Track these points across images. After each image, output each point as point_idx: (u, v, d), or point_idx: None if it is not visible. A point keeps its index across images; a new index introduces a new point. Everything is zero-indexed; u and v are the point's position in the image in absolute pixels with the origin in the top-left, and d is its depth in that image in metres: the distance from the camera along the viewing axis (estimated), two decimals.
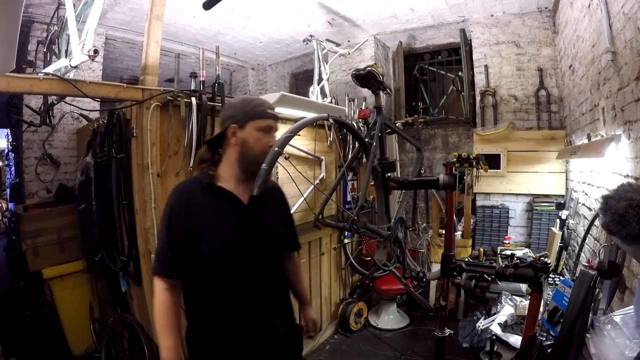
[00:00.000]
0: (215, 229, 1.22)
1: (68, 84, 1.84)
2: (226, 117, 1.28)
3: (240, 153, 1.25)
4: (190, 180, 1.34)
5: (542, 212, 3.43)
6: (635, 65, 1.59)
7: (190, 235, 1.20)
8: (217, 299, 1.23)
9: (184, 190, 1.27)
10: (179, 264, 1.22)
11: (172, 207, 1.24)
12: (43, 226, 2.84)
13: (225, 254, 1.22)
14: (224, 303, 1.23)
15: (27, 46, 3.21)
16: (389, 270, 2.45)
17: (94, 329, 2.79)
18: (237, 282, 1.24)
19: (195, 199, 1.23)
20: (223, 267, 1.22)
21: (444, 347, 1.99)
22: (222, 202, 1.25)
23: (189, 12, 3.55)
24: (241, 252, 1.24)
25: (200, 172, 1.30)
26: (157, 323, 1.23)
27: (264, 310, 1.28)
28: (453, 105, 4.47)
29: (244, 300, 1.25)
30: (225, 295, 1.23)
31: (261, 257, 1.29)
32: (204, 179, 1.25)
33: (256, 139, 1.25)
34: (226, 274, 1.23)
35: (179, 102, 2.11)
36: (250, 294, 1.26)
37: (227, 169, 1.28)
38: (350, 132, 2.41)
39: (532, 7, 3.57)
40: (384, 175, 2.28)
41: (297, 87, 5.72)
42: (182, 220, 1.21)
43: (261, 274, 1.29)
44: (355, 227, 1.98)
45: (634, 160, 1.67)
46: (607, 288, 1.70)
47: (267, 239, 1.32)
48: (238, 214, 1.26)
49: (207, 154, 1.31)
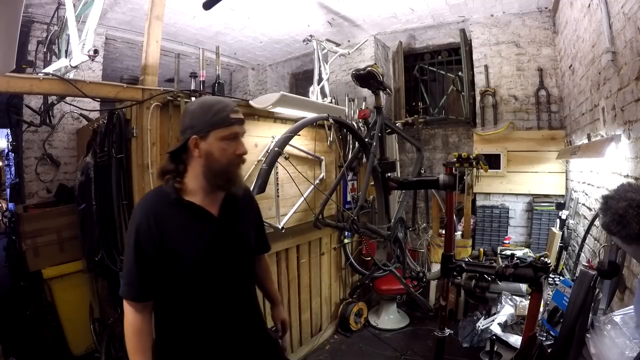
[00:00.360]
0: (188, 244, 1.15)
1: (68, 84, 1.84)
2: (185, 126, 1.16)
3: (206, 166, 1.15)
4: (154, 193, 1.23)
5: (542, 212, 3.43)
6: (635, 65, 1.59)
7: (160, 254, 1.13)
8: (195, 314, 1.18)
9: (149, 205, 1.17)
10: (149, 285, 1.14)
11: (137, 225, 1.13)
12: (43, 226, 2.84)
13: (201, 270, 1.16)
14: (202, 317, 1.19)
15: (27, 46, 3.21)
16: (389, 270, 2.46)
17: (94, 329, 2.79)
18: (214, 296, 1.20)
19: (162, 215, 1.14)
20: (199, 282, 1.17)
21: (444, 347, 2.00)
22: (192, 216, 1.17)
23: (189, 12, 3.55)
24: (216, 266, 1.19)
25: (165, 183, 1.18)
26: (129, 345, 1.15)
27: (239, 320, 1.25)
28: (453, 105, 4.47)
29: (221, 313, 1.21)
30: (203, 309, 1.18)
31: (235, 269, 1.25)
32: (171, 193, 1.15)
33: (221, 149, 1.14)
34: (203, 289, 1.18)
35: (179, 102, 2.11)
36: (227, 305, 1.22)
37: (193, 182, 1.18)
38: (350, 132, 2.42)
39: (532, 7, 3.57)
40: (384, 175, 2.28)
41: (297, 87, 5.72)
42: (150, 238, 1.12)
43: (236, 285, 1.26)
44: (355, 227, 1.99)
45: (634, 160, 1.67)
46: (607, 288, 1.70)
47: (241, 250, 1.27)
48: (210, 227, 1.19)
49: (169, 165, 1.19)
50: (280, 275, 2.84)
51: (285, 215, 2.72)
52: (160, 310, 1.22)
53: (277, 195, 2.66)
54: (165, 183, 1.17)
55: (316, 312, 3.24)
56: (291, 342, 2.98)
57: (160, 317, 1.23)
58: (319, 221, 1.86)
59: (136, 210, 1.18)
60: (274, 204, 2.66)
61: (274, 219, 2.64)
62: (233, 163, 1.18)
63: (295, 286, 3.01)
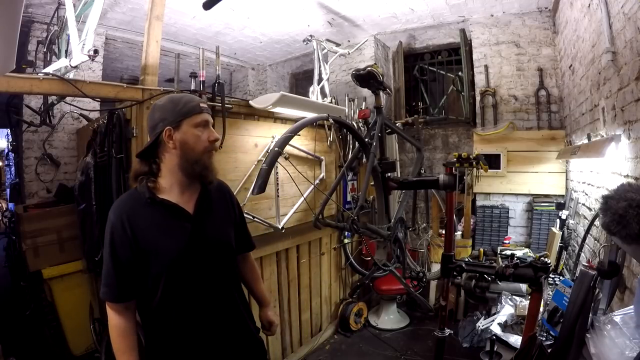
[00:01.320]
0: (163, 244, 1.15)
1: (68, 84, 1.84)
2: (156, 120, 1.17)
3: (181, 156, 1.16)
4: (128, 194, 1.22)
5: (542, 212, 3.43)
6: (635, 65, 1.59)
7: (136, 254, 1.13)
8: (174, 314, 1.18)
9: (123, 207, 1.17)
10: (128, 286, 1.15)
11: (112, 226, 1.14)
12: (43, 226, 2.84)
13: (177, 269, 1.16)
14: (181, 317, 1.19)
15: (27, 46, 3.21)
16: (389, 270, 2.46)
17: (94, 329, 2.79)
18: (192, 295, 1.19)
19: (136, 214, 1.15)
20: (177, 282, 1.16)
21: (444, 347, 2.00)
22: (167, 215, 1.17)
23: (189, 12, 3.55)
24: (193, 264, 1.18)
25: (139, 184, 1.18)
26: (115, 347, 1.16)
27: (219, 320, 1.24)
28: (453, 105, 4.47)
29: (199, 312, 1.20)
30: (182, 309, 1.18)
31: (214, 266, 1.24)
32: (144, 193, 1.15)
33: (195, 136, 1.17)
34: (180, 289, 1.17)
35: None
36: (206, 305, 1.21)
37: (167, 178, 1.19)
38: (350, 132, 2.41)
39: (532, 7, 3.57)
40: (384, 175, 2.28)
41: (297, 87, 5.72)
42: (125, 239, 1.12)
43: (215, 283, 1.24)
44: (355, 227, 1.99)
45: (634, 160, 1.67)
46: (607, 288, 1.70)
47: (218, 246, 1.26)
48: (185, 225, 1.18)
49: (142, 167, 1.19)
50: (280, 275, 2.84)
51: (285, 215, 2.72)
52: (143, 310, 1.23)
53: (277, 195, 2.66)
54: (139, 184, 1.18)
55: (316, 312, 3.24)
56: (291, 342, 2.98)
57: (144, 318, 1.24)
58: (319, 221, 1.86)
59: (110, 213, 1.17)
60: (274, 204, 2.66)
61: (274, 219, 2.64)
62: (207, 149, 1.20)
63: (295, 286, 3.01)
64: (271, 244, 2.67)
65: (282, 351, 2.88)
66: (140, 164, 1.20)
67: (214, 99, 2.27)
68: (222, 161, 2.35)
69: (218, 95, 2.28)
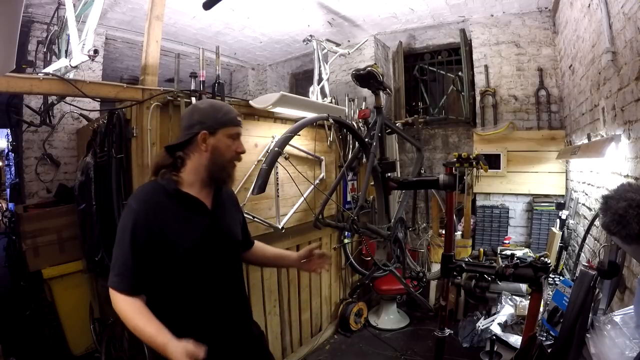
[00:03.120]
0: (184, 234, 1.19)
1: (68, 84, 1.84)
2: (194, 121, 1.22)
3: (210, 159, 1.23)
4: (150, 185, 1.25)
5: (542, 212, 3.43)
6: (635, 65, 1.59)
7: (157, 243, 1.15)
8: (190, 303, 1.21)
9: (146, 196, 1.21)
10: (142, 278, 1.15)
11: (134, 213, 1.15)
12: (43, 226, 2.84)
13: (196, 258, 1.20)
14: (197, 305, 1.22)
15: (27, 46, 3.21)
16: (389, 270, 2.46)
17: (94, 329, 2.79)
18: (207, 285, 1.24)
19: (160, 205, 1.18)
20: (194, 272, 1.21)
21: (444, 347, 2.00)
22: (188, 207, 1.23)
23: (189, 12, 3.55)
24: (210, 254, 1.24)
25: (161, 177, 1.22)
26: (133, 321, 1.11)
27: (231, 311, 1.31)
28: (453, 105, 4.47)
29: (214, 301, 1.26)
30: (197, 298, 1.22)
31: (227, 258, 1.32)
32: (169, 185, 1.21)
33: (227, 146, 1.25)
34: (197, 278, 1.22)
35: (179, 102, 2.11)
36: (219, 294, 1.27)
37: (192, 174, 1.24)
38: (350, 132, 2.41)
39: (532, 7, 3.57)
40: (384, 175, 2.28)
41: (297, 87, 5.72)
42: (148, 227, 1.14)
43: (227, 275, 1.32)
44: (355, 227, 1.99)
45: (634, 160, 1.67)
46: (607, 288, 1.70)
47: (231, 240, 1.35)
48: (205, 219, 1.25)
49: (167, 159, 1.25)
50: (280, 275, 2.84)
51: (285, 215, 2.72)
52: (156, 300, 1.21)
53: (277, 195, 2.66)
54: (161, 177, 1.22)
55: (316, 312, 3.24)
56: (291, 342, 2.98)
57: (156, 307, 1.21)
58: (319, 221, 1.86)
59: (131, 202, 1.20)
60: (274, 204, 2.66)
61: (274, 219, 2.64)
62: (233, 159, 1.28)
63: (295, 286, 3.01)
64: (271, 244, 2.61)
65: (282, 351, 2.88)
66: (164, 157, 1.26)
67: (214, 99, 2.27)
68: None
69: (218, 95, 2.28)
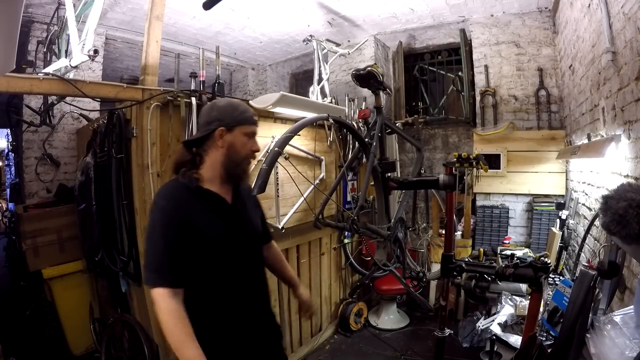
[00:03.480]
0: (210, 229, 1.23)
1: (68, 84, 1.84)
2: (212, 118, 1.26)
3: (226, 155, 1.27)
4: (173, 183, 1.29)
5: (542, 212, 3.43)
6: (635, 65, 1.59)
7: (187, 237, 1.18)
8: (216, 297, 1.25)
9: (172, 193, 1.24)
10: (180, 270, 1.16)
11: (163, 210, 1.20)
12: (43, 226, 2.84)
13: (221, 252, 1.24)
14: (223, 295, 1.26)
15: (27, 46, 3.21)
16: (389, 270, 2.46)
17: (94, 329, 2.79)
18: (231, 279, 1.28)
19: (185, 201, 1.22)
20: (220, 264, 1.25)
21: (444, 347, 2.00)
22: (210, 203, 1.27)
23: (189, 12, 3.55)
24: (233, 249, 1.28)
25: (182, 176, 1.26)
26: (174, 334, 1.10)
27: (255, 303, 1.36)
28: (453, 105, 4.47)
29: (239, 294, 1.29)
30: (223, 288, 1.26)
31: (249, 252, 1.36)
32: (192, 183, 1.24)
33: (242, 143, 1.29)
34: (222, 270, 1.26)
35: (179, 102, 2.11)
36: (244, 287, 1.31)
37: (210, 171, 1.28)
38: (350, 132, 2.41)
39: (532, 7, 3.57)
40: (384, 175, 2.28)
41: (297, 87, 5.72)
42: (178, 222, 1.18)
43: (250, 266, 1.36)
44: (355, 227, 1.99)
45: (634, 160, 1.67)
46: (607, 288, 1.70)
47: (253, 234, 1.40)
48: (226, 214, 1.30)
49: (186, 155, 1.28)
50: None
51: (285, 215, 2.72)
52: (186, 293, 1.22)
53: (277, 195, 2.66)
54: (182, 175, 1.27)
55: (316, 312, 3.24)
56: (291, 342, 2.98)
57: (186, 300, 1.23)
58: (319, 221, 1.86)
59: (159, 199, 1.24)
60: (274, 204, 2.66)
61: (274, 219, 2.64)
62: (248, 156, 1.33)
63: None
64: None
65: None
66: (183, 153, 1.30)
67: (214, 99, 2.27)
68: None
69: (218, 95, 2.28)
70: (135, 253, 2.12)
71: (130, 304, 2.39)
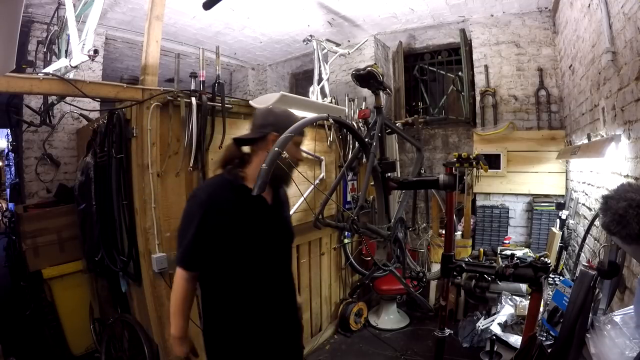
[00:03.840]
0: (245, 226, 1.33)
1: (68, 84, 1.84)
2: (268, 122, 1.37)
3: None
4: (218, 179, 1.41)
5: (542, 212, 3.43)
6: (635, 65, 1.59)
7: (222, 232, 1.29)
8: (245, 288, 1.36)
9: (215, 187, 1.36)
10: (201, 257, 1.31)
11: (202, 202, 1.30)
12: (43, 226, 2.84)
13: (254, 249, 1.35)
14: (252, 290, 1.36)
15: (27, 46, 3.21)
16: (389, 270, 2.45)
17: (94, 329, 2.79)
18: (262, 273, 1.38)
19: (225, 198, 1.32)
20: (253, 260, 1.35)
21: (444, 347, 1.99)
22: (251, 202, 1.34)
23: (189, 12, 3.55)
24: (266, 246, 1.38)
25: (227, 172, 1.37)
26: (173, 307, 1.34)
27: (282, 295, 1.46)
28: (453, 105, 4.47)
29: (267, 287, 1.40)
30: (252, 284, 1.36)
31: (281, 251, 1.47)
32: (236, 180, 1.35)
33: (292, 151, 1.37)
34: (254, 266, 1.36)
35: (179, 102, 2.11)
36: (272, 281, 1.42)
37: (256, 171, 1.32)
38: (350, 132, 2.41)
39: (532, 7, 3.57)
40: (384, 175, 2.27)
41: (297, 87, 5.72)
42: (214, 215, 1.29)
43: (280, 265, 1.47)
44: (355, 227, 1.98)
45: (634, 160, 1.67)
46: (607, 288, 1.70)
47: (286, 235, 1.51)
48: (264, 213, 1.40)
49: (235, 153, 1.39)
50: None
51: None
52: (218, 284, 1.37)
53: None
54: (228, 172, 1.37)
55: (316, 312, 3.24)
56: None
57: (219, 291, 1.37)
58: (319, 221, 1.85)
59: (199, 192, 1.36)
60: None
61: None
62: (293, 163, 1.43)
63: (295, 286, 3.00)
64: None
65: None
66: (233, 150, 1.40)
67: (214, 99, 2.27)
68: None
69: (218, 95, 2.28)
70: (135, 253, 2.12)
71: (130, 304, 2.39)
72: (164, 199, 2.08)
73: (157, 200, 2.04)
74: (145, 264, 2.07)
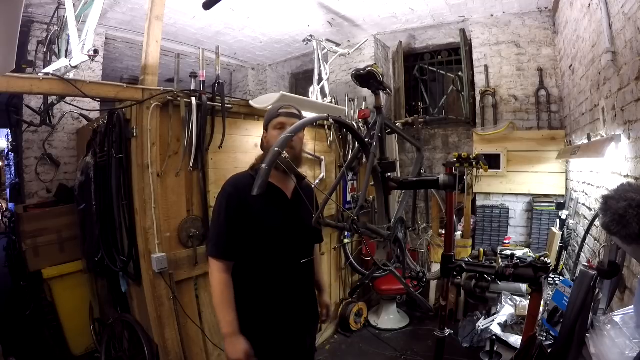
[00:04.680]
0: (268, 218, 1.41)
1: (68, 84, 1.84)
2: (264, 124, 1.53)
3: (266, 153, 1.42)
4: (242, 174, 1.51)
5: (542, 212, 3.43)
6: (635, 65, 1.59)
7: (247, 220, 1.37)
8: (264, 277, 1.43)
9: (239, 182, 1.44)
10: (235, 247, 1.38)
11: (229, 195, 1.40)
12: (43, 226, 2.84)
13: (273, 239, 1.42)
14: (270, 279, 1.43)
15: (27, 46, 3.21)
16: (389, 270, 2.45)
17: (94, 329, 2.79)
18: (280, 263, 1.45)
19: (247, 190, 1.34)
20: (271, 250, 1.42)
21: (444, 347, 1.99)
22: (270, 195, 1.43)
23: (189, 12, 3.55)
24: (284, 237, 1.45)
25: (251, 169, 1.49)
26: (217, 299, 1.38)
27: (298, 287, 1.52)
28: (453, 105, 4.47)
29: (287, 278, 1.46)
30: (270, 273, 1.43)
31: (298, 244, 1.51)
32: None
33: (274, 137, 1.42)
34: (273, 255, 1.43)
35: (179, 102, 2.11)
36: (292, 273, 1.48)
37: None
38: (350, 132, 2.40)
39: (532, 7, 3.57)
40: (384, 175, 2.27)
41: (297, 87, 5.72)
42: (240, 206, 1.37)
43: (298, 257, 1.49)
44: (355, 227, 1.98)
45: (634, 160, 1.67)
46: (607, 288, 1.70)
47: (304, 229, 1.53)
48: (284, 206, 1.48)
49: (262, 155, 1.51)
50: None
51: None
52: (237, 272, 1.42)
53: None
54: (251, 169, 1.50)
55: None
56: None
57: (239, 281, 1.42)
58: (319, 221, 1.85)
59: (226, 186, 1.45)
60: None
61: None
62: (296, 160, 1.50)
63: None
64: None
65: None
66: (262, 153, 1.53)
67: (214, 99, 2.27)
68: (222, 161, 2.35)
69: (218, 95, 2.28)
70: (135, 253, 2.12)
71: (130, 304, 2.39)
72: (163, 199, 2.08)
73: (157, 200, 2.04)
74: (145, 264, 2.07)
